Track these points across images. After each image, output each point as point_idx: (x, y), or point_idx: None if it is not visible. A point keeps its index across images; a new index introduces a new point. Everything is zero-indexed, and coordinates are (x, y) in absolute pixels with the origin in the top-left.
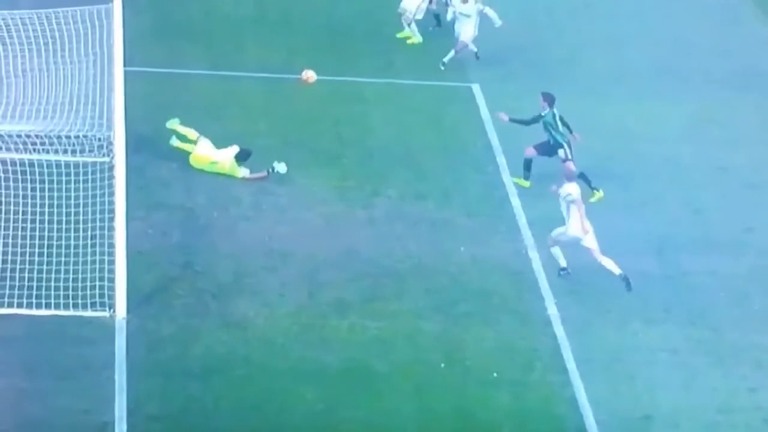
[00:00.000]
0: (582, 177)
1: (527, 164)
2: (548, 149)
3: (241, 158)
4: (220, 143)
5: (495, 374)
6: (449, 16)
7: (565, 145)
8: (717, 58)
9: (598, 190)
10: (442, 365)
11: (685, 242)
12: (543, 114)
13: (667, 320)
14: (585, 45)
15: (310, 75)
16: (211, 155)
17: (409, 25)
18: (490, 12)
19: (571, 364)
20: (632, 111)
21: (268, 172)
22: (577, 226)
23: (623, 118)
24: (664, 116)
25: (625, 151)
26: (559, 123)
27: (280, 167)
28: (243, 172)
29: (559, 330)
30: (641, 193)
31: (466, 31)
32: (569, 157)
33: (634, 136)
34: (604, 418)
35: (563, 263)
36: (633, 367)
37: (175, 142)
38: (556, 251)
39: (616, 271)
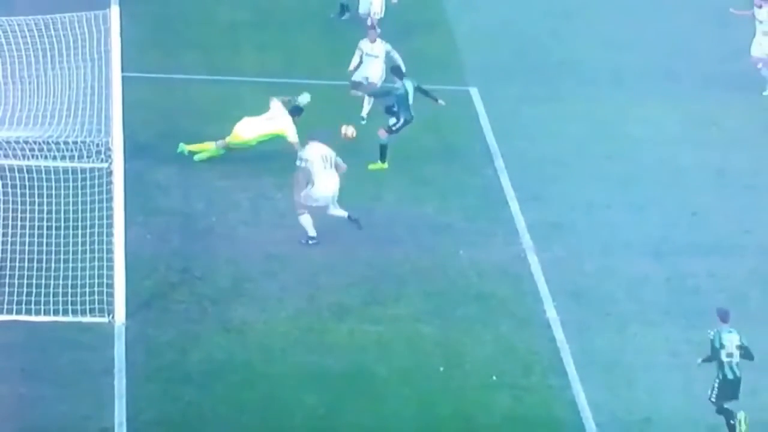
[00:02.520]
0: (382, 149)
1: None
2: (389, 110)
3: (296, 113)
4: None
5: (494, 377)
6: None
7: (401, 121)
8: (715, 61)
9: (383, 162)
10: (442, 369)
11: (684, 244)
12: (397, 88)
13: (666, 322)
14: (583, 48)
15: (349, 131)
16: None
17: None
18: (396, 54)
19: (570, 367)
20: (631, 113)
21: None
22: (322, 186)
23: (622, 120)
24: (663, 118)
25: (624, 153)
26: (410, 98)
27: (303, 98)
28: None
29: (559, 333)
30: (640, 195)
31: (375, 72)
32: (392, 130)
33: (633, 138)
34: (603, 421)
35: (312, 232)
36: (632, 369)
37: (186, 148)
38: (306, 219)
39: (345, 214)
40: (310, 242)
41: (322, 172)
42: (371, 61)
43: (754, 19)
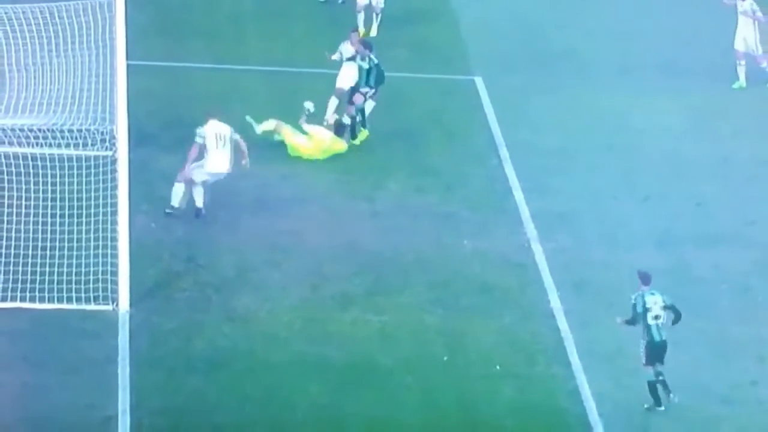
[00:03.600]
0: (362, 114)
1: (361, 113)
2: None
3: (340, 132)
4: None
5: (498, 367)
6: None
7: (369, 91)
8: (720, 52)
9: (365, 128)
10: (445, 358)
11: (688, 235)
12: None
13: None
14: (588, 38)
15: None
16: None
17: (377, 15)
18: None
19: (574, 357)
20: (635, 104)
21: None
22: (213, 163)
23: (626, 111)
24: (668, 109)
25: (629, 144)
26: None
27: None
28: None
29: (562, 323)
30: (644, 186)
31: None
32: (367, 97)
33: (637, 129)
34: (607, 411)
35: (176, 203)
36: (636, 359)
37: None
38: (178, 189)
39: (198, 203)
40: (167, 210)
41: (214, 150)
42: (353, 65)
43: (736, 11)
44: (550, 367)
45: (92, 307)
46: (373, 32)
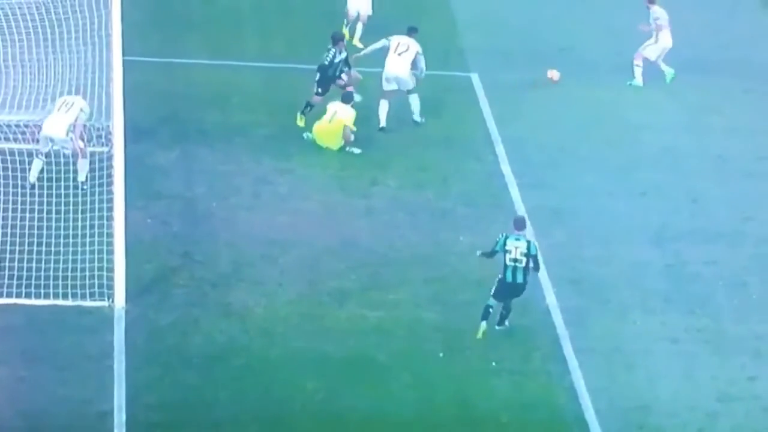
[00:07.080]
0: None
1: (308, 105)
2: (328, 81)
3: (347, 100)
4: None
5: (494, 363)
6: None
7: (345, 72)
8: (717, 48)
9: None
10: (441, 354)
11: (685, 231)
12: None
13: (666, 309)
14: (584, 34)
15: (554, 75)
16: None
17: (363, 24)
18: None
19: (569, 354)
20: (631, 100)
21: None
22: (46, 125)
23: (622, 107)
24: (664, 105)
25: (625, 139)
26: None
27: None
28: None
29: (558, 319)
30: (640, 182)
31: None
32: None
33: (634, 125)
34: (602, 407)
35: (31, 179)
36: (632, 356)
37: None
38: (36, 165)
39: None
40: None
41: (55, 114)
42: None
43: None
44: (545, 364)
45: (88, 302)
46: (356, 41)
